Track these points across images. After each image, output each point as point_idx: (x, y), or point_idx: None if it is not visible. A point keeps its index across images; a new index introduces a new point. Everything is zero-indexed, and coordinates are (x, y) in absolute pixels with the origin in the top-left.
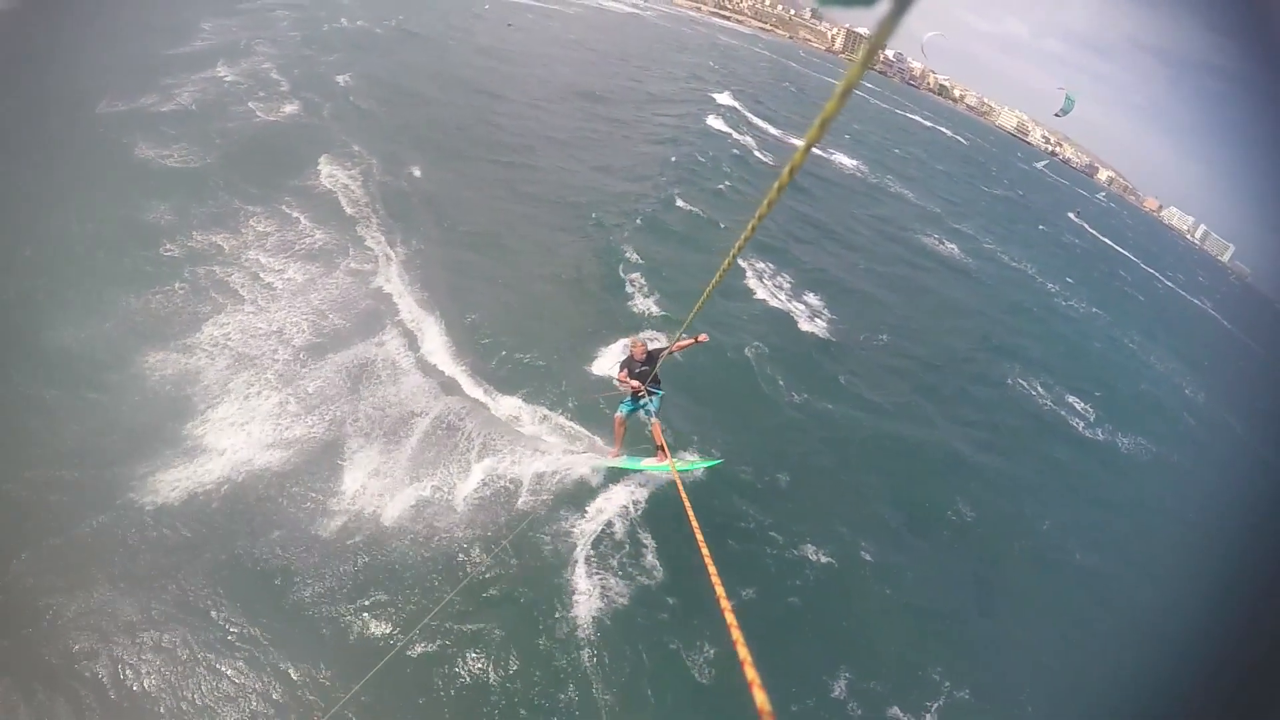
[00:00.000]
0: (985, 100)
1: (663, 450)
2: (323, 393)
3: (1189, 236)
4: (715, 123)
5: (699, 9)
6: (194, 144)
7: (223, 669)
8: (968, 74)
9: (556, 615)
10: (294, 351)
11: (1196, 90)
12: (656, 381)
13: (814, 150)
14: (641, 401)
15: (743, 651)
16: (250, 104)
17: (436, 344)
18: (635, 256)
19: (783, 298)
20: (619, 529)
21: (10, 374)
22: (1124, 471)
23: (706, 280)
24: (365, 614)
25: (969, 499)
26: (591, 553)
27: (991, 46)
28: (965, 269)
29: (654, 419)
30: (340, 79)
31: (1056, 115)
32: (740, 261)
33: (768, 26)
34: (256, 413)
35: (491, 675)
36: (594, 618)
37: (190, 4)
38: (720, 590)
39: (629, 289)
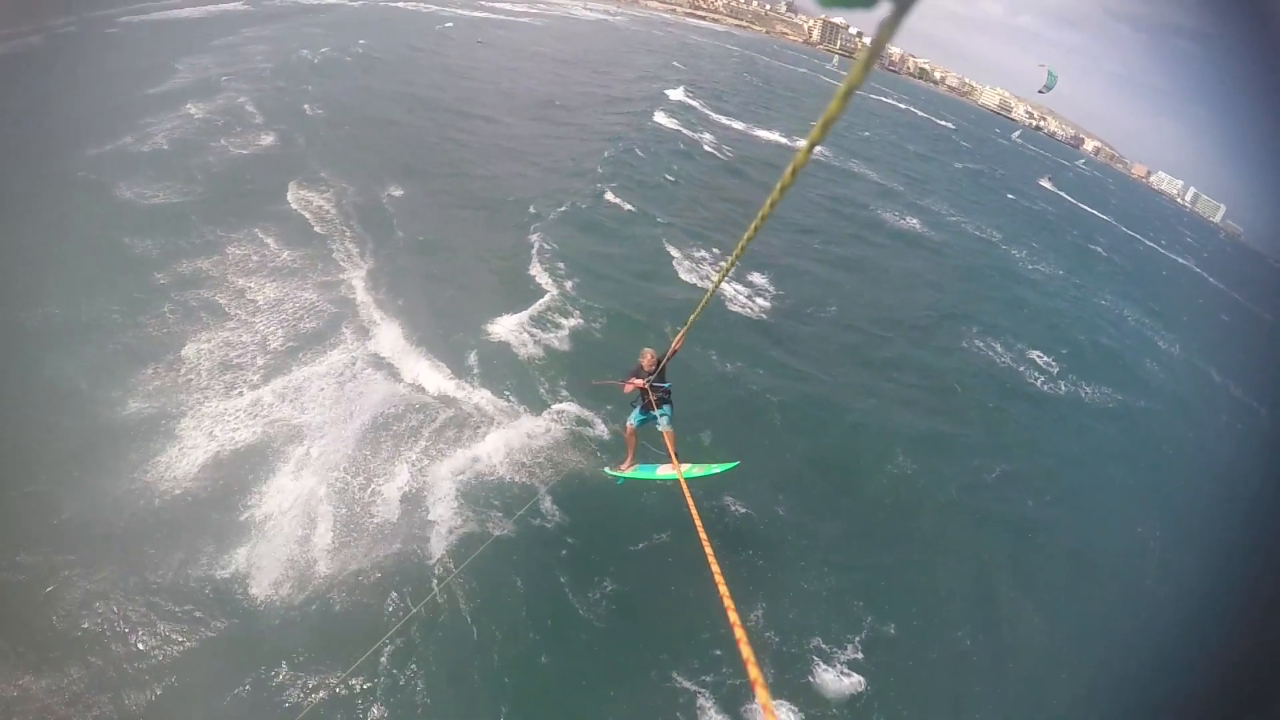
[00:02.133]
0: (966, 81)
1: (675, 459)
2: (298, 390)
3: (1179, 200)
4: (664, 120)
5: (673, 10)
6: (176, 180)
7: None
8: (947, 57)
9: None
10: (271, 356)
11: (1170, 52)
12: (665, 391)
13: (779, 141)
14: (652, 413)
15: (746, 651)
16: (226, 138)
17: (393, 340)
18: (555, 246)
19: (725, 279)
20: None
21: (12, 393)
22: (1084, 422)
23: (620, 266)
24: (348, 604)
25: (904, 461)
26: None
27: (967, 28)
28: (923, 241)
29: (668, 429)
30: (310, 108)
31: (1040, 92)
32: (672, 247)
33: (743, 24)
34: (237, 409)
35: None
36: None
37: (165, 45)
38: (724, 590)
39: (545, 276)
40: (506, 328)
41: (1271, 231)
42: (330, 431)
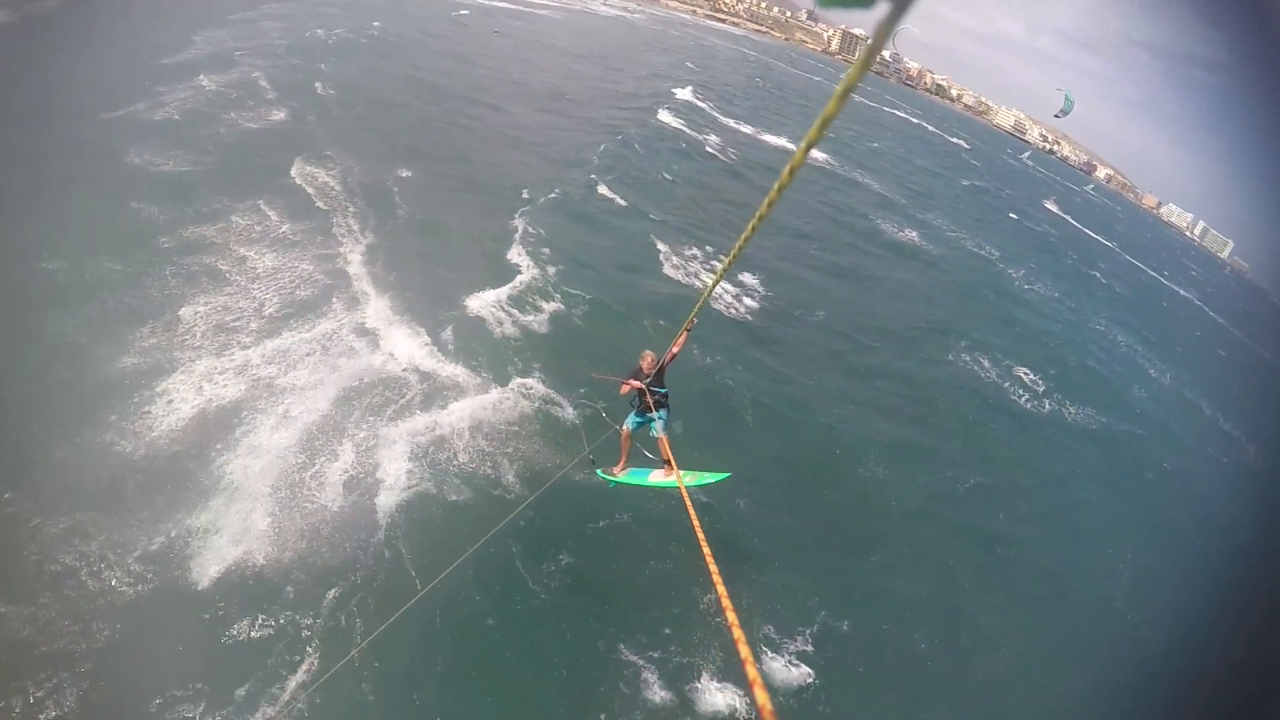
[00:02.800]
0: (983, 99)
1: (670, 465)
2: (285, 353)
3: (1188, 233)
4: (668, 118)
5: (693, 12)
6: (185, 149)
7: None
8: (965, 74)
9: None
10: (264, 321)
11: (1186, 80)
12: (663, 396)
13: (787, 147)
14: (649, 416)
15: (744, 651)
16: (238, 111)
17: (379, 313)
18: (542, 232)
19: (709, 280)
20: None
21: (13, 345)
22: (1065, 442)
23: (605, 257)
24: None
25: (876, 466)
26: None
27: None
28: (920, 254)
29: (663, 434)
30: (321, 87)
31: (1057, 116)
32: (661, 243)
33: (762, 29)
34: (226, 368)
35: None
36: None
37: (182, 17)
38: (723, 591)
39: (529, 260)
40: (487, 306)
41: (1278, 269)
42: (310, 394)
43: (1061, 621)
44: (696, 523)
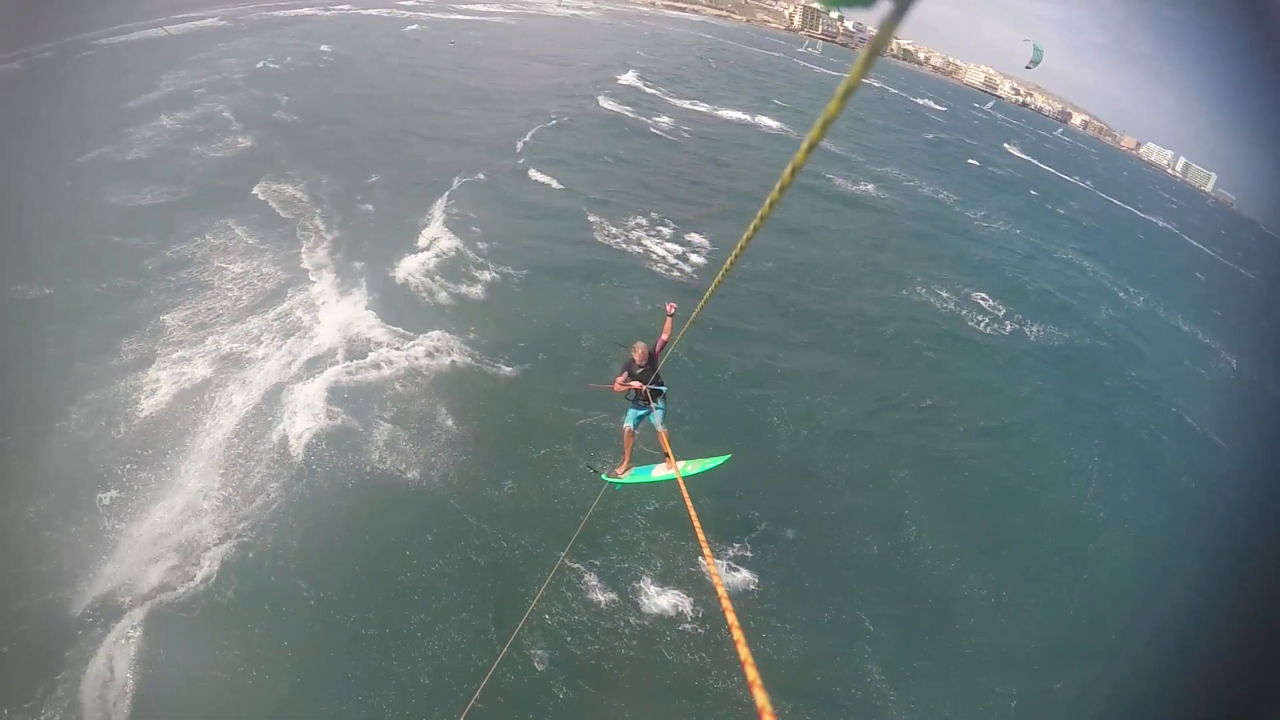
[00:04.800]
0: (951, 60)
1: (670, 458)
2: (253, 337)
3: (1170, 170)
4: (610, 104)
5: (652, 4)
6: (159, 183)
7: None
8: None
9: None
10: (233, 316)
11: (1155, 21)
12: (659, 383)
13: (737, 117)
14: (647, 409)
15: (744, 652)
16: (205, 144)
17: (330, 297)
18: (473, 214)
19: (650, 244)
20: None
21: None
22: (1026, 361)
23: (524, 233)
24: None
25: (827, 398)
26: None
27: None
28: (873, 204)
29: (662, 427)
30: (280, 114)
31: (1027, 68)
32: (593, 215)
33: (722, 13)
34: (199, 355)
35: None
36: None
37: (144, 63)
38: (722, 591)
39: (463, 238)
40: (422, 280)
41: (1265, 198)
42: (269, 367)
43: (1017, 527)
44: (697, 523)
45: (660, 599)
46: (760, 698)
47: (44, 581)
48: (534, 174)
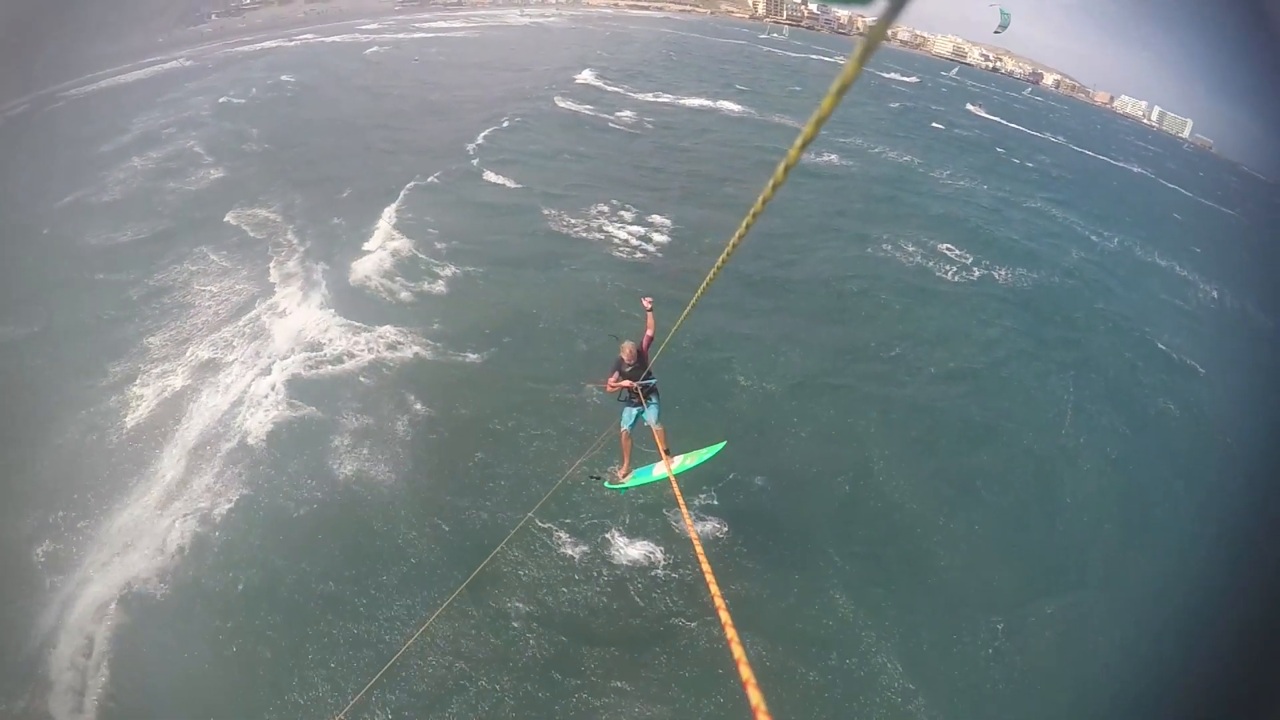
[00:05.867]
0: (918, 33)
1: (668, 455)
2: (226, 343)
3: (1145, 120)
4: (567, 104)
5: (614, 4)
6: (138, 219)
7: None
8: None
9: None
10: (209, 328)
11: None
12: (650, 381)
13: (699, 104)
14: (640, 409)
15: (737, 651)
16: (180, 178)
17: (294, 303)
18: (431, 217)
19: (612, 229)
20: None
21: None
22: (994, 305)
23: (482, 230)
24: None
25: (796, 358)
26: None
27: None
28: (837, 173)
29: (657, 425)
30: (249, 145)
31: (996, 32)
32: (548, 209)
33: (686, 7)
34: (179, 366)
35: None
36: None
37: (117, 108)
38: (715, 590)
39: (414, 240)
40: (382, 282)
41: (1242, 140)
42: (240, 370)
43: (990, 462)
44: (690, 522)
45: (630, 550)
46: (754, 696)
47: (35, 571)
48: (489, 175)
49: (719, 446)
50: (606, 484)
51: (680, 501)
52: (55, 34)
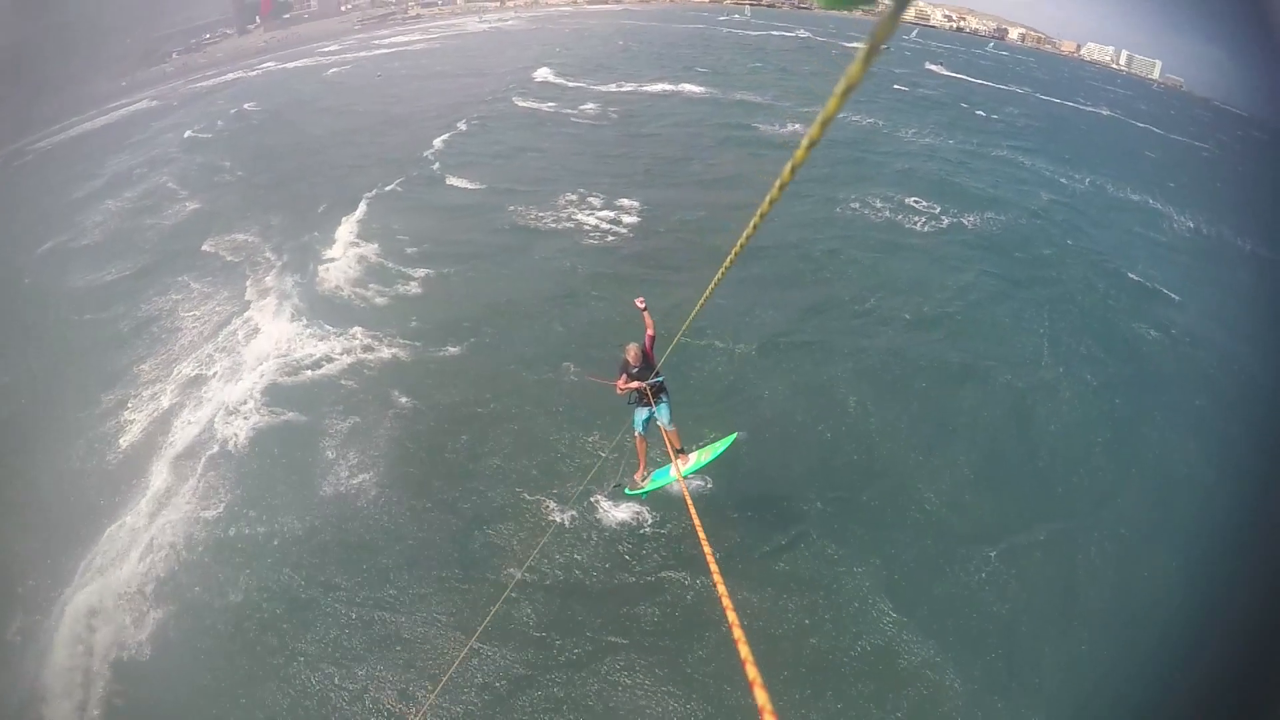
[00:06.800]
0: (882, 1)
1: (683, 455)
2: (208, 359)
3: (1114, 65)
4: (524, 102)
5: (574, 2)
6: (122, 258)
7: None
8: None
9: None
10: (193, 348)
11: None
12: (660, 382)
13: (661, 89)
14: (651, 410)
15: (744, 651)
16: (156, 215)
17: (270, 318)
18: (400, 223)
19: (582, 216)
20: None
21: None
22: (964, 252)
23: (449, 230)
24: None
25: (770, 319)
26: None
27: None
28: (799, 142)
29: (670, 426)
30: (220, 176)
31: None
32: (514, 205)
33: None
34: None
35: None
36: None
37: (87, 154)
38: (723, 589)
39: (381, 246)
40: (355, 291)
41: (1213, 75)
42: (222, 383)
43: (967, 400)
44: (698, 521)
45: (617, 512)
46: (761, 697)
47: (38, 588)
48: (451, 180)
49: (730, 439)
50: (627, 490)
51: (689, 503)
52: (12, 94)
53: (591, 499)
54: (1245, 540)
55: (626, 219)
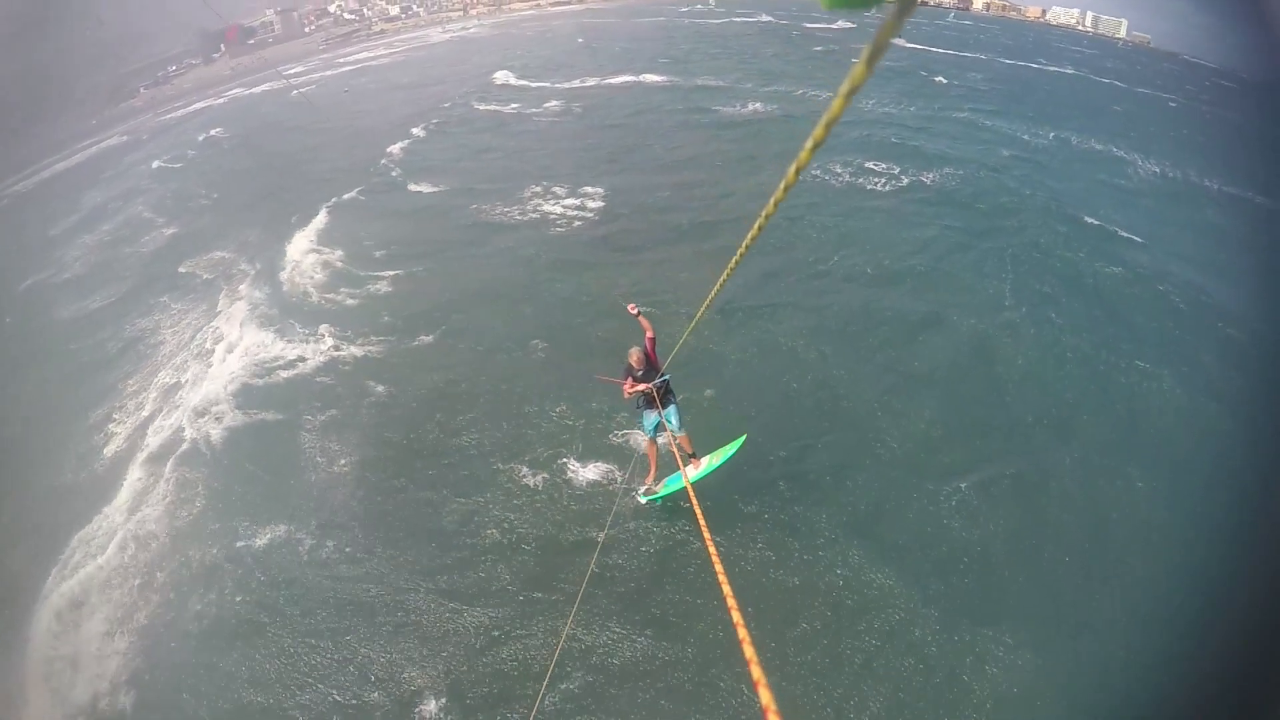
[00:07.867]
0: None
1: (694, 459)
2: (183, 366)
3: (1080, 27)
4: (484, 105)
5: (536, 5)
6: (106, 287)
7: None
8: None
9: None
10: (174, 353)
11: None
12: (666, 386)
13: (622, 81)
14: (660, 414)
15: (749, 651)
16: (134, 244)
17: (243, 327)
18: (369, 228)
19: (548, 207)
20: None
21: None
22: (924, 210)
23: (415, 232)
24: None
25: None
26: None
27: None
28: (759, 120)
29: (681, 432)
30: (196, 201)
31: None
32: (476, 204)
33: None
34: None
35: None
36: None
37: (60, 193)
38: (727, 589)
39: (343, 250)
40: (326, 296)
41: (1179, 28)
42: (198, 387)
43: (934, 348)
44: (704, 524)
45: (586, 472)
46: (765, 696)
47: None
48: (413, 185)
49: (740, 441)
50: (642, 496)
51: (697, 509)
52: None
53: (562, 460)
54: (1220, 462)
55: (591, 204)
